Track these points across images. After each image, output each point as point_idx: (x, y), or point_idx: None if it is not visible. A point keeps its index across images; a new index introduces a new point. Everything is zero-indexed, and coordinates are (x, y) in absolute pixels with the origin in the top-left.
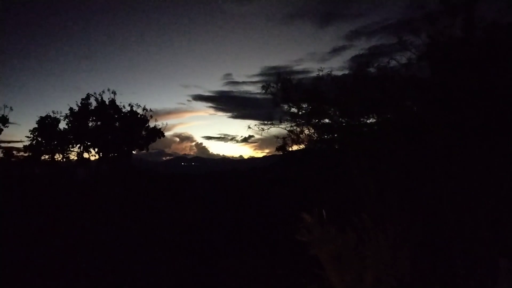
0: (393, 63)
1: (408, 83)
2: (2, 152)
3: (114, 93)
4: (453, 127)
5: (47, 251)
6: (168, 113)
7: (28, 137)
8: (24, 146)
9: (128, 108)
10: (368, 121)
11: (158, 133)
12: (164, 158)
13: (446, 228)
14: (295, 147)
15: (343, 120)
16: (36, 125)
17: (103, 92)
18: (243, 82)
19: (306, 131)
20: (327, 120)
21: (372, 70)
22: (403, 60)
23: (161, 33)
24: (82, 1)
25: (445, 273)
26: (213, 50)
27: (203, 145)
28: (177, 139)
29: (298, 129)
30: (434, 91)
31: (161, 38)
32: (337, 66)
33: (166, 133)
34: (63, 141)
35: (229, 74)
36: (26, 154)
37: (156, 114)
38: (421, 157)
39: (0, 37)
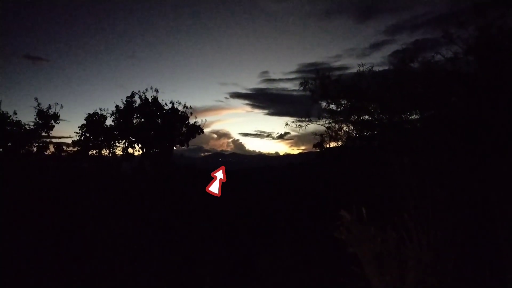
0: (438, 57)
1: (454, 78)
2: (53, 147)
3: (156, 91)
4: (504, 124)
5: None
6: (206, 110)
7: (77, 132)
8: (73, 141)
9: (170, 106)
10: (410, 117)
11: (197, 129)
12: (202, 154)
13: (495, 230)
14: (332, 144)
15: (384, 117)
16: (84, 122)
17: (147, 90)
18: (280, 79)
19: (345, 128)
20: (367, 117)
21: (414, 65)
22: (449, 54)
23: (200, 33)
24: (127, 4)
25: (492, 277)
26: (250, 48)
27: (240, 141)
28: (215, 136)
29: (337, 125)
30: (482, 86)
31: (200, 38)
32: (376, 61)
33: (205, 130)
34: (110, 137)
35: (265, 72)
36: (75, 149)
37: (195, 111)
38: (468, 154)
39: (51, 40)
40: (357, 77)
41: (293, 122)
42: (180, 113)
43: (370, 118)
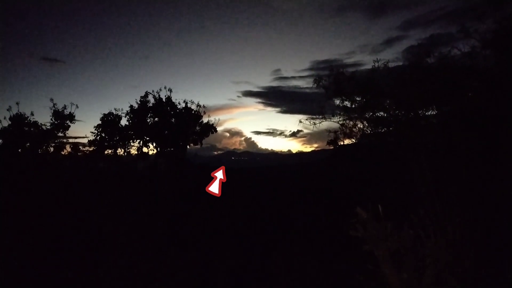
0: (454, 52)
1: (471, 73)
2: (70, 147)
3: (170, 90)
4: None
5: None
6: (218, 109)
7: (92, 132)
8: (89, 141)
9: (183, 105)
10: (426, 114)
11: (211, 128)
12: (215, 153)
13: None
14: (347, 141)
15: (399, 113)
16: (99, 122)
17: (160, 90)
18: (292, 77)
19: (360, 125)
20: (382, 113)
21: (430, 60)
22: (466, 48)
23: (212, 32)
24: (141, 6)
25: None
26: (263, 46)
27: (252, 139)
28: (227, 134)
29: (351, 122)
30: (500, 81)
31: (212, 37)
32: (390, 57)
33: (217, 128)
34: (125, 137)
35: (278, 70)
36: (91, 149)
37: (208, 110)
38: (486, 152)
39: (67, 42)
40: (372, 73)
41: (306, 119)
42: (193, 112)
43: (385, 115)
